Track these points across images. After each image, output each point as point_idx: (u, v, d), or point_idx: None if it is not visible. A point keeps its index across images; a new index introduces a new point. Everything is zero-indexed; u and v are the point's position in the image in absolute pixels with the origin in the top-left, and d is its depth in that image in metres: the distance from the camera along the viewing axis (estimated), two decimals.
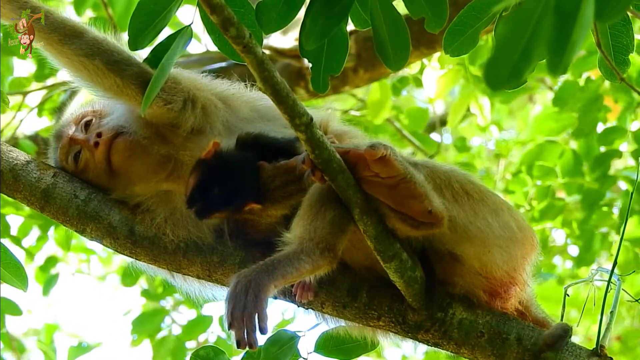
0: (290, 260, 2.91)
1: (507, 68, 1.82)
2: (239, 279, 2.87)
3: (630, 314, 7.98)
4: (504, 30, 1.88)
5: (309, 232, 2.95)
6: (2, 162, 3.23)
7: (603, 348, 3.08)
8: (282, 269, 2.89)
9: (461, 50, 2.90)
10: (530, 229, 3.21)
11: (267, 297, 2.84)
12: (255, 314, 2.81)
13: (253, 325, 2.80)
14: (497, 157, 7.83)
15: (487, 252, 3.05)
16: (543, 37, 1.80)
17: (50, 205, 3.23)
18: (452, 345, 3.13)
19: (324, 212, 2.96)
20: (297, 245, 2.95)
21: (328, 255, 2.95)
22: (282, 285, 2.93)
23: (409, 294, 3.06)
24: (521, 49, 1.82)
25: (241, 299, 2.82)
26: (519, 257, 3.12)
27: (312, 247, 2.94)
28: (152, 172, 3.27)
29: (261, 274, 2.87)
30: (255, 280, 2.85)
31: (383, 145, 2.89)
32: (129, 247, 3.23)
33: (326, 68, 2.93)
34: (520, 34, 1.87)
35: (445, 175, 3.11)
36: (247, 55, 2.68)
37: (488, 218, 3.07)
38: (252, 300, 2.81)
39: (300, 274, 2.93)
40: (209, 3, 2.60)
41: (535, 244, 3.16)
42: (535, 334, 3.11)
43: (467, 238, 3.04)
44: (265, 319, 2.82)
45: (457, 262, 3.08)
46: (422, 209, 2.94)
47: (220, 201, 3.11)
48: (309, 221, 2.97)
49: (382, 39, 2.90)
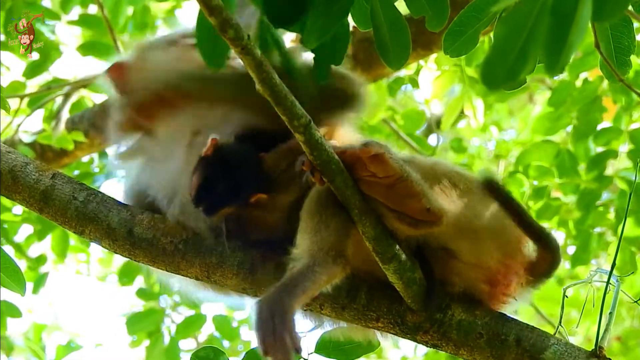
0: (305, 275, 2.91)
1: (504, 68, 1.83)
2: (262, 306, 2.86)
3: (630, 314, 7.99)
4: (501, 30, 1.89)
5: (317, 244, 2.95)
6: (1, 163, 3.22)
7: (602, 349, 3.08)
8: (301, 285, 2.89)
9: (461, 50, 2.90)
10: None
11: (293, 317, 2.84)
12: (287, 335, 2.80)
13: (287, 347, 2.80)
14: (497, 157, 7.83)
15: (479, 242, 3.05)
16: (540, 37, 1.81)
17: (49, 206, 3.22)
18: (451, 347, 3.12)
19: (326, 221, 2.96)
20: (308, 259, 2.94)
21: (341, 262, 2.95)
22: (305, 302, 2.93)
23: (408, 295, 3.06)
24: (518, 49, 1.83)
25: (269, 325, 2.81)
26: (513, 242, 3.11)
27: (323, 257, 2.93)
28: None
29: (282, 295, 2.87)
30: (277, 303, 2.84)
31: (377, 144, 2.90)
32: (127, 249, 3.22)
33: (327, 58, 2.92)
34: (517, 34, 1.87)
35: (432, 170, 3.10)
36: (245, 56, 2.68)
37: (477, 207, 3.06)
38: (280, 324, 2.81)
39: (319, 286, 2.93)
40: (207, 4, 2.59)
41: None
42: (535, 335, 3.11)
43: (458, 230, 3.03)
44: (298, 339, 2.82)
45: (452, 258, 3.08)
46: (420, 208, 2.94)
47: (227, 196, 3.12)
48: (314, 233, 2.96)
49: (383, 37, 2.90)
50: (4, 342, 7.51)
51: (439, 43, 5.83)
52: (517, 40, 1.83)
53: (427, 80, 6.91)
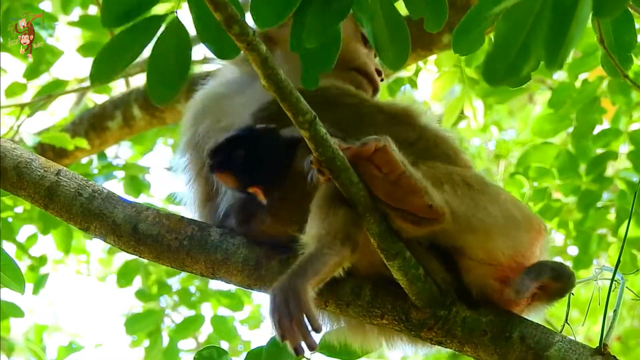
0: (316, 258, 2.90)
1: (505, 64, 1.83)
2: (275, 292, 2.85)
3: (631, 314, 8.01)
4: (503, 26, 1.89)
5: (325, 228, 2.94)
6: (6, 159, 3.22)
7: (606, 347, 3.08)
8: (312, 267, 2.88)
9: (471, 48, 2.88)
10: (535, 216, 3.21)
11: (308, 298, 2.82)
12: (303, 317, 2.79)
13: (305, 328, 2.78)
14: (497, 157, 7.84)
15: (490, 240, 3.05)
16: (541, 33, 1.81)
17: (54, 202, 3.22)
18: (455, 344, 3.12)
19: (334, 210, 2.96)
20: (316, 243, 2.94)
21: (349, 245, 2.94)
22: (318, 284, 2.90)
23: (413, 292, 3.06)
24: (519, 45, 1.83)
25: (284, 308, 2.80)
26: (526, 243, 3.11)
27: (331, 239, 2.93)
28: None
29: (293, 279, 2.85)
30: (290, 286, 2.83)
31: (383, 138, 2.91)
32: (132, 245, 3.22)
33: (318, 64, 2.92)
34: (519, 30, 1.88)
35: (445, 169, 3.11)
36: (250, 52, 2.68)
37: (490, 208, 3.06)
38: (296, 305, 2.80)
39: (330, 268, 2.91)
40: (213, 0, 2.60)
41: (543, 229, 3.15)
42: (539, 332, 3.11)
43: (470, 230, 3.04)
44: (316, 318, 2.80)
45: (463, 256, 3.08)
46: (423, 204, 2.94)
47: (239, 165, 3.12)
48: (322, 220, 2.96)
49: (382, 38, 2.90)
50: (5, 344, 7.51)
51: (439, 44, 5.87)
52: (518, 36, 1.84)
53: (427, 81, 6.93)
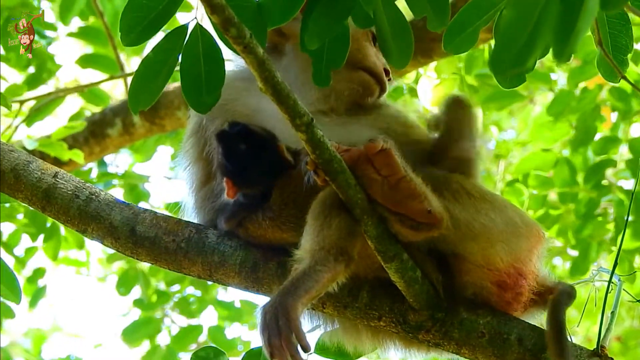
0: (308, 275, 2.90)
1: (512, 53, 1.81)
2: (265, 309, 2.85)
3: (630, 314, 8.00)
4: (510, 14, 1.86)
5: (318, 243, 2.94)
6: (3, 162, 3.23)
7: (604, 348, 3.08)
8: (303, 285, 2.88)
9: (460, 48, 2.89)
10: (535, 223, 3.21)
11: (298, 317, 2.82)
12: (292, 335, 2.79)
13: (294, 346, 2.79)
14: (497, 157, 7.84)
15: (490, 247, 3.06)
16: (549, 23, 1.80)
17: (52, 205, 3.22)
18: (453, 346, 3.12)
19: (329, 221, 2.95)
20: (310, 259, 2.93)
21: (343, 260, 2.93)
22: (309, 302, 2.90)
23: (410, 294, 3.06)
24: (527, 34, 1.81)
25: (274, 327, 2.80)
26: (525, 250, 3.12)
27: (325, 255, 2.92)
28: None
29: (285, 297, 2.85)
30: (280, 304, 2.83)
31: (384, 139, 2.91)
32: (130, 247, 3.22)
33: (328, 62, 2.93)
34: (527, 18, 1.85)
35: (444, 176, 3.12)
36: (247, 55, 2.68)
37: (490, 215, 3.07)
38: (285, 324, 2.80)
39: (322, 285, 2.91)
40: (210, 3, 2.60)
41: (542, 236, 3.16)
42: (536, 334, 3.11)
43: (470, 236, 3.04)
44: (304, 337, 2.81)
45: (462, 261, 3.08)
46: (422, 209, 2.94)
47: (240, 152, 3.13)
48: (316, 233, 2.96)
49: (386, 37, 2.91)
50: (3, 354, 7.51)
51: (439, 51, 5.86)
52: (526, 24, 1.80)
53: (426, 88, 6.93)
